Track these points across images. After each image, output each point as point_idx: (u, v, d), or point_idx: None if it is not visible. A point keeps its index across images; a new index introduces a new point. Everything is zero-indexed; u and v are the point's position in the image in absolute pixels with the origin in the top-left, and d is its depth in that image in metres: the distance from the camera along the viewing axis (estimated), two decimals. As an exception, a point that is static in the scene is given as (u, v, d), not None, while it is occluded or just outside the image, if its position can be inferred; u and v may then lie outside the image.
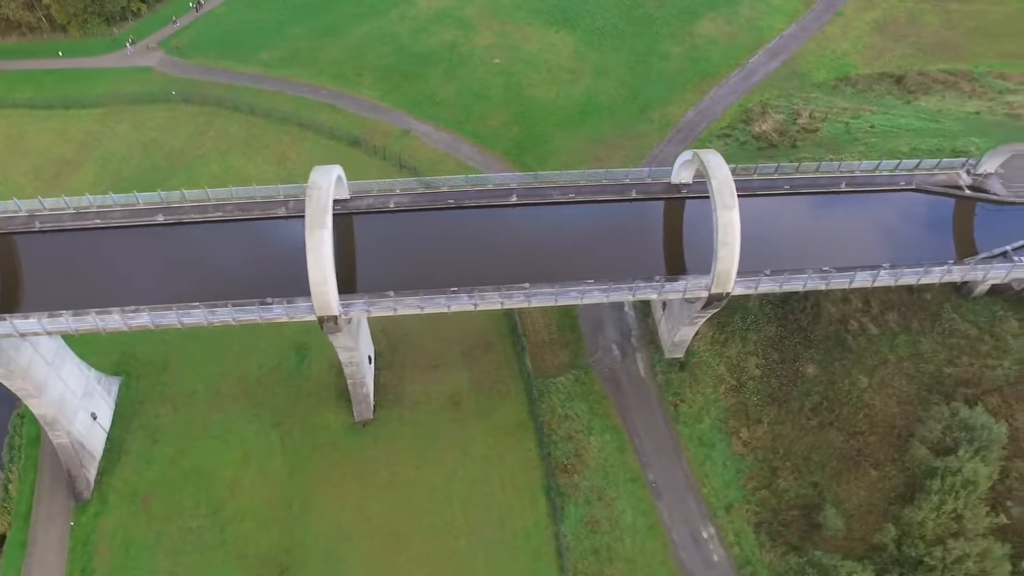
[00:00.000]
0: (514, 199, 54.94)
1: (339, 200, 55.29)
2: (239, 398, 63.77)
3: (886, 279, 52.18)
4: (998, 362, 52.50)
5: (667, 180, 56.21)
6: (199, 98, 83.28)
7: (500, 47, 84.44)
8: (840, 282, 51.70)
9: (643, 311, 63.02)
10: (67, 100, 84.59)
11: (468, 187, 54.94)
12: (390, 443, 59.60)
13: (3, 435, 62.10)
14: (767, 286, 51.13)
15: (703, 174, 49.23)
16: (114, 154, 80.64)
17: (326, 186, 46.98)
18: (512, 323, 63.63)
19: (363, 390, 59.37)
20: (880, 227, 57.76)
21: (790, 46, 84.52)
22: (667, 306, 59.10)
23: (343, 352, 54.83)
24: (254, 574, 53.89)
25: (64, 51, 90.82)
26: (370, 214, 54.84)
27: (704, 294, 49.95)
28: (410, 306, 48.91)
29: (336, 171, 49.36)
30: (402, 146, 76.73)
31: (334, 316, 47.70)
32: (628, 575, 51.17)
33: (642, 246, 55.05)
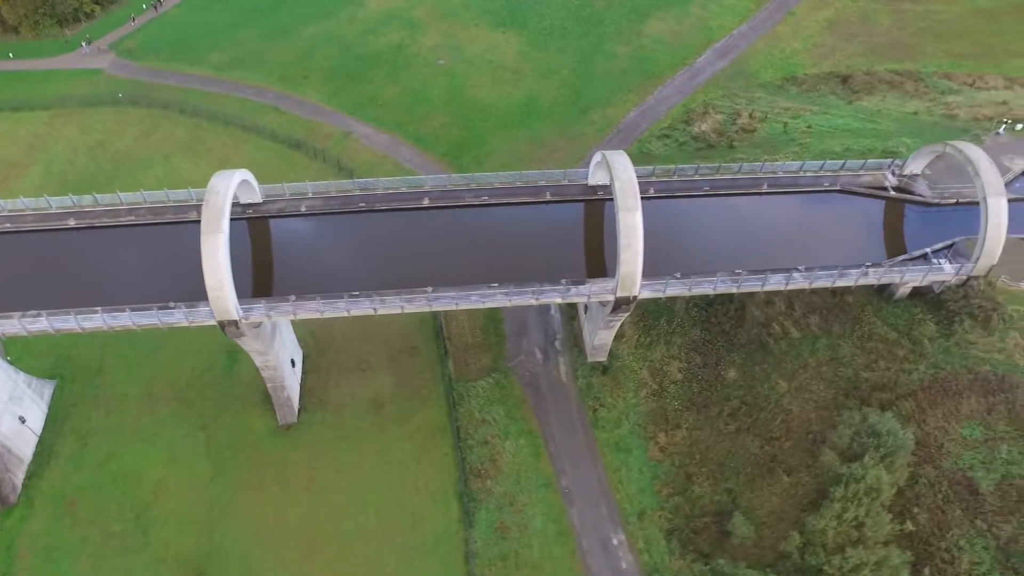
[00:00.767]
0: (426, 202, 54.61)
1: (252, 204, 55.28)
2: (170, 401, 63.73)
3: (800, 282, 51.49)
4: (914, 366, 51.63)
5: (584, 182, 55.74)
6: (147, 101, 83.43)
7: (446, 48, 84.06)
8: (752, 285, 51.06)
9: (569, 314, 62.52)
10: (16, 102, 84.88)
11: (380, 190, 54.69)
12: (312, 447, 59.37)
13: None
14: (675, 290, 50.53)
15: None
16: (60, 157, 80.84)
17: (223, 191, 46.83)
18: (438, 326, 63.26)
19: (284, 394, 59.12)
20: (803, 229, 57.12)
21: (739, 45, 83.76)
22: (588, 309, 58.59)
23: (256, 356, 54.62)
24: (172, 578, 53.76)
25: (15, 52, 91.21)
26: (282, 218, 54.73)
27: (610, 298, 49.43)
28: (310, 310, 48.66)
29: (238, 176, 49.18)
30: (342, 149, 76.53)
31: (234, 321, 47.54)
32: (534, 582, 50.78)
33: (557, 249, 54.51)
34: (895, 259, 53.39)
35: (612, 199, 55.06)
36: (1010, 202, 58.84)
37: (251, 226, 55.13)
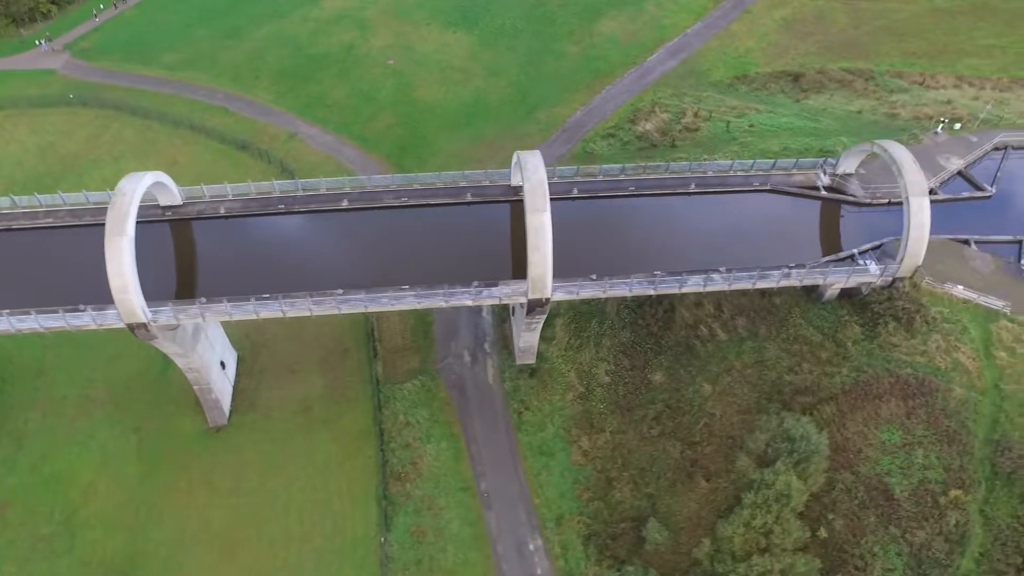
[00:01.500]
0: (345, 203, 54.14)
1: (172, 206, 54.99)
2: (106, 403, 63.50)
3: (719, 284, 50.68)
4: (836, 369, 50.77)
5: (507, 182, 55.12)
6: (98, 102, 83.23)
7: (396, 48, 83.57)
8: (669, 287, 50.27)
9: (500, 316, 61.91)
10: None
11: (300, 192, 54.28)
12: (240, 449, 58.99)
13: None
14: (590, 292, 49.80)
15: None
16: (9, 158, 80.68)
17: (130, 193, 46.48)
18: (370, 328, 62.77)
19: (211, 396, 58.75)
20: (732, 229, 56.15)
21: (692, 44, 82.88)
22: (515, 312, 57.96)
23: (177, 359, 54.33)
24: (96, 581, 53.55)
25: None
26: (200, 220, 54.39)
27: (523, 300, 48.82)
28: (218, 312, 48.23)
29: (148, 178, 48.83)
30: (287, 150, 76.15)
31: (143, 323, 47.19)
32: (448, 587, 50.26)
33: (479, 250, 53.93)
34: (820, 260, 52.55)
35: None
36: (943, 202, 58.59)
37: (172, 228, 54.91)
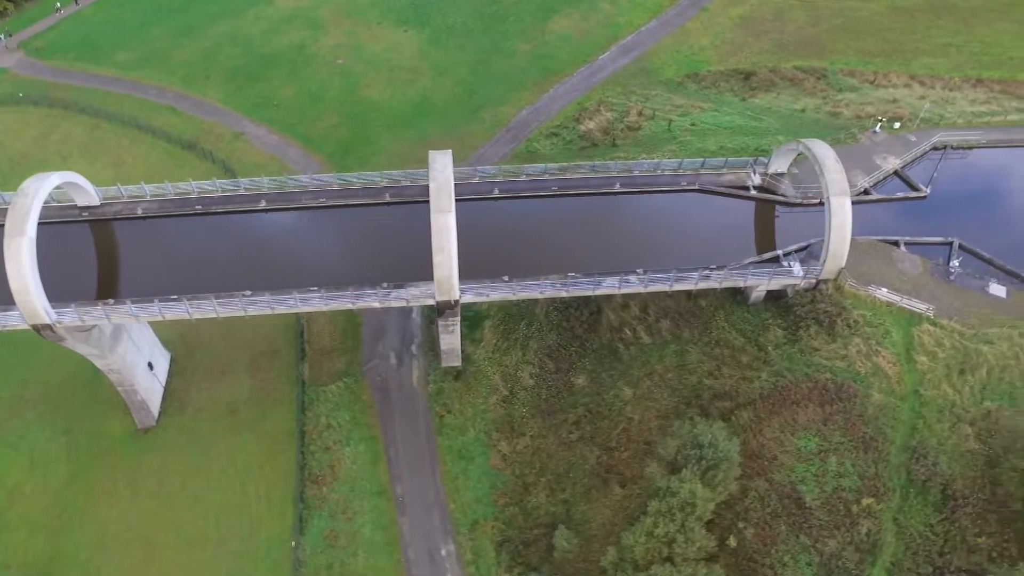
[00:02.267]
0: (263, 204, 53.60)
1: (89, 207, 54.62)
2: (39, 404, 63.19)
3: (635, 286, 49.76)
4: (756, 374, 49.71)
5: (426, 183, 54.21)
6: (48, 101, 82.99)
7: (346, 47, 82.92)
8: (582, 289, 49.42)
9: (429, 318, 61.15)
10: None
11: (218, 192, 53.77)
12: (166, 451, 58.60)
13: None
14: (500, 294, 49.02)
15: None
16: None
17: (32, 194, 46.13)
18: (300, 329, 62.23)
19: (137, 397, 58.36)
20: (658, 230, 55.35)
21: (645, 42, 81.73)
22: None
23: (95, 360, 54.00)
24: (15, 585, 53.34)
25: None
26: (117, 220, 53.99)
27: (431, 301, 48.09)
28: (123, 314, 47.82)
29: (54, 178, 48.49)
30: (232, 150, 75.66)
31: (47, 325, 46.81)
32: (357, 593, 49.61)
33: (395, 252, 53.25)
34: (742, 261, 51.51)
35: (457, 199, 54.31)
36: (877, 202, 57.46)
37: (90, 229, 54.55)
